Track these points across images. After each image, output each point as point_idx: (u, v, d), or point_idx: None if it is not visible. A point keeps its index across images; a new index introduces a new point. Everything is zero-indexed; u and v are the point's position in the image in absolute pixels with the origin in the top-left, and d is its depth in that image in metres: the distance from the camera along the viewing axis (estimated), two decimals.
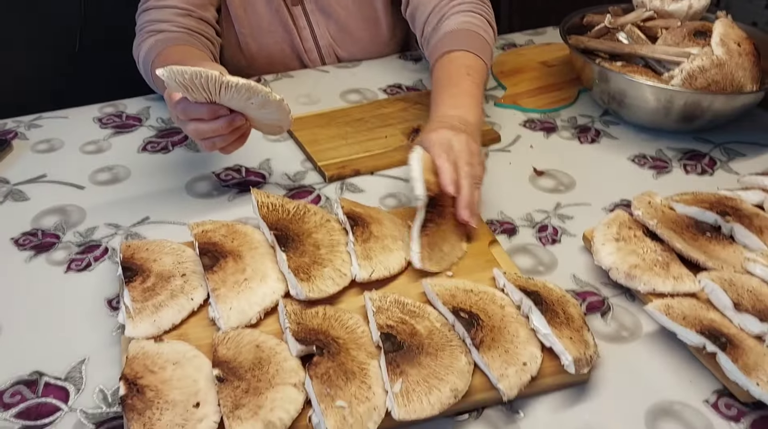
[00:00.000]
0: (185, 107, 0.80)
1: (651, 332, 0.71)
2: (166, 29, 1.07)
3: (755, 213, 0.80)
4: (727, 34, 0.99)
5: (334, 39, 1.25)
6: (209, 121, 0.80)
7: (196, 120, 0.81)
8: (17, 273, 0.77)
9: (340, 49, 1.26)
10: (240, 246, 0.75)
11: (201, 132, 0.82)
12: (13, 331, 0.70)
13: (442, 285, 0.71)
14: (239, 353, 0.63)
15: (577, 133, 1.06)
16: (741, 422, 0.62)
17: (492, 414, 0.63)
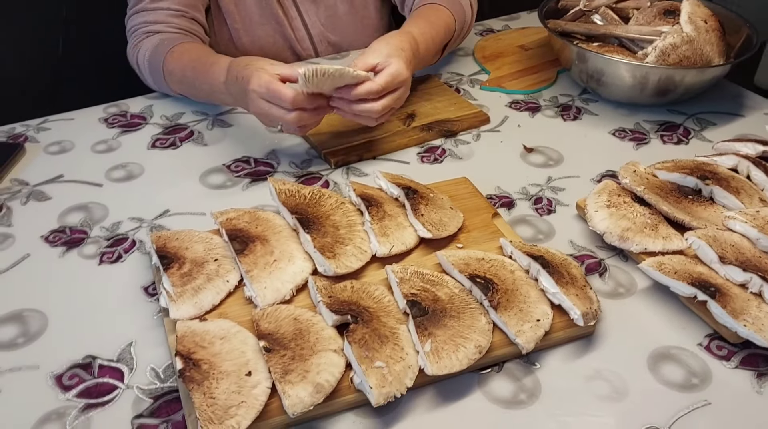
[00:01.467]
0: (298, 98, 0.88)
1: (645, 288, 0.79)
2: (162, 30, 1.11)
3: (731, 176, 0.88)
4: (695, 12, 1.07)
5: (324, 26, 1.29)
6: (312, 111, 0.91)
7: (301, 109, 0.89)
8: (53, 268, 0.82)
9: (331, 35, 1.31)
10: (264, 231, 0.81)
11: (303, 120, 0.90)
12: (60, 321, 0.75)
13: (456, 255, 0.77)
14: (280, 326, 0.68)
15: (559, 112, 1.13)
16: (732, 360, 0.70)
17: (512, 367, 0.70)
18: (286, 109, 0.89)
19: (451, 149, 1.03)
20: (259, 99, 0.90)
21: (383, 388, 0.62)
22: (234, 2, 1.22)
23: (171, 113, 1.12)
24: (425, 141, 1.05)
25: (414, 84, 1.17)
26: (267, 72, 0.89)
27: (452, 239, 0.83)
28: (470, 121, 1.08)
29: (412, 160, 1.01)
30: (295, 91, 0.87)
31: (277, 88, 0.87)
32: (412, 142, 1.04)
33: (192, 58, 1.05)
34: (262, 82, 0.88)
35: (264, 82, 0.88)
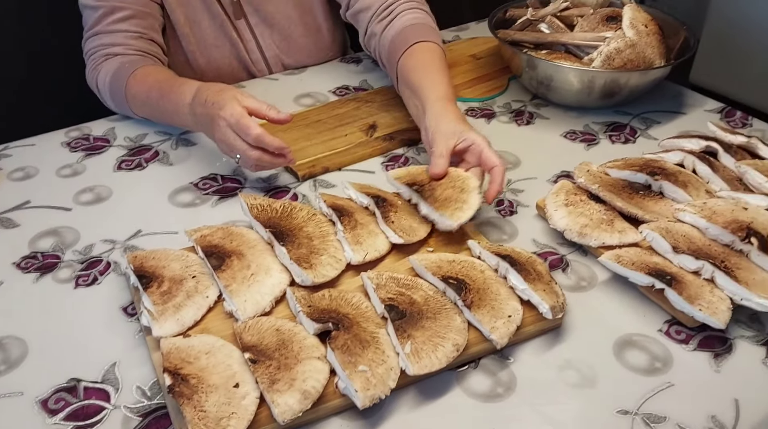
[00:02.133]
0: (263, 138, 0.89)
1: (605, 279, 0.83)
2: (121, 52, 1.12)
3: (678, 170, 0.93)
4: (635, 17, 1.13)
5: (279, 48, 1.31)
6: (274, 156, 0.93)
7: (262, 149, 0.91)
8: (29, 294, 0.82)
9: (285, 57, 1.33)
10: (239, 245, 0.82)
11: (261, 161, 0.92)
12: (41, 346, 0.75)
13: (428, 259, 0.81)
14: (263, 338, 0.70)
15: (513, 117, 1.18)
16: (690, 343, 0.75)
17: (487, 362, 0.73)
18: (250, 145, 0.91)
19: (414, 157, 1.07)
20: (227, 127, 0.91)
21: (368, 390, 0.65)
22: (189, 25, 1.23)
23: (134, 134, 1.12)
24: (388, 150, 1.08)
25: (373, 96, 1.21)
26: (240, 104, 0.90)
27: (423, 244, 0.86)
28: None
29: (377, 170, 1.04)
30: (263, 129, 0.89)
31: (247, 123, 0.89)
32: (375, 151, 1.07)
33: (158, 79, 1.06)
34: (235, 112, 0.89)
35: (236, 113, 0.89)
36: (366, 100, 1.20)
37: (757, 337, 0.75)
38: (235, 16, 1.25)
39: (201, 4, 1.21)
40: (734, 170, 0.94)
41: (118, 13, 1.12)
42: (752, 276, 0.75)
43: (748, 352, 0.74)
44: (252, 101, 0.92)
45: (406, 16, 1.13)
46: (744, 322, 0.77)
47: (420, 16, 1.14)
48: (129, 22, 1.13)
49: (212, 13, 1.23)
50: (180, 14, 1.20)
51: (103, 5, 1.12)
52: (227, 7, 1.23)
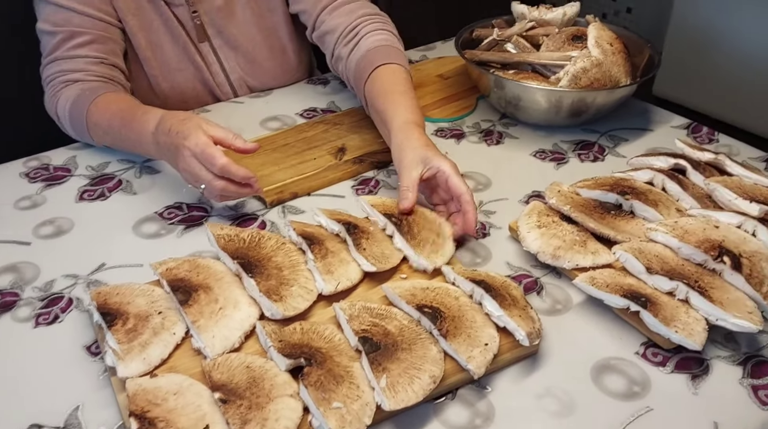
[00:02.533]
0: (228, 168, 0.88)
1: (580, 302, 0.83)
2: (81, 78, 1.09)
3: (648, 189, 0.93)
4: (600, 36, 1.14)
5: (243, 71, 1.29)
6: (239, 186, 0.90)
7: (227, 180, 0.89)
8: None
9: (251, 79, 1.31)
10: (206, 278, 0.80)
11: (227, 191, 0.91)
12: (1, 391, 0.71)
13: (401, 286, 0.79)
14: (233, 375, 0.68)
15: (483, 137, 1.18)
16: (667, 366, 0.74)
17: (464, 393, 0.72)
18: (215, 175, 0.89)
19: (385, 180, 1.06)
20: (191, 157, 0.89)
21: (343, 428, 0.63)
22: (150, 49, 1.20)
23: (96, 163, 1.09)
24: (358, 173, 1.07)
25: (341, 118, 1.19)
26: (205, 133, 0.88)
27: (396, 270, 0.84)
28: None
29: (347, 194, 1.02)
30: (229, 159, 0.88)
31: (212, 153, 0.87)
32: (345, 175, 1.05)
33: (120, 107, 1.03)
34: (200, 142, 0.88)
35: (201, 143, 0.87)
36: (334, 123, 1.18)
37: (734, 357, 0.75)
38: (198, 39, 1.23)
39: (163, 28, 1.19)
40: (703, 187, 0.94)
41: (77, 38, 1.10)
42: (726, 295, 0.75)
43: (725, 372, 0.73)
44: (217, 130, 0.90)
45: (371, 38, 1.12)
46: (719, 342, 0.77)
47: (385, 37, 1.13)
48: (89, 47, 1.10)
49: (174, 36, 1.20)
50: (141, 38, 1.18)
51: (62, 30, 1.09)
52: (190, 30, 1.21)
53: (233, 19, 1.23)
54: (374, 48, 1.10)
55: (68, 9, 1.09)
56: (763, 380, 0.72)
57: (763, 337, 0.77)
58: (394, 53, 1.10)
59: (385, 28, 1.15)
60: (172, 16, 1.19)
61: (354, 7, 1.17)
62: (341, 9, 1.17)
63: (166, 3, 1.17)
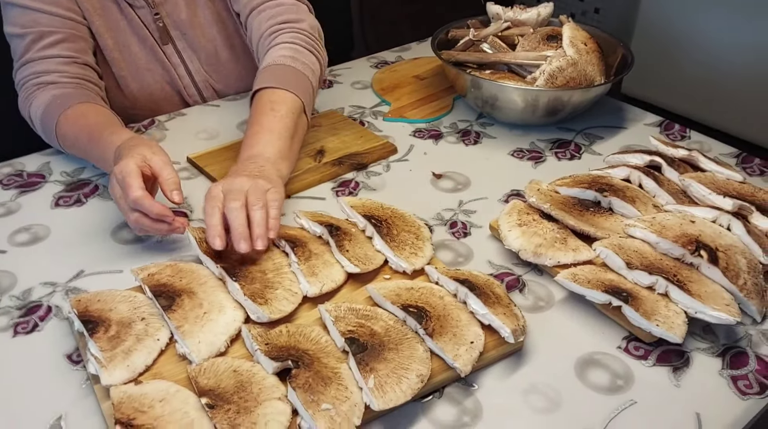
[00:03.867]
0: (140, 202, 0.81)
1: (562, 298, 0.84)
2: (55, 80, 1.07)
3: (625, 186, 0.95)
4: (575, 35, 1.15)
5: (208, 73, 1.28)
6: (153, 221, 0.84)
7: (141, 213, 0.83)
8: None
9: (216, 82, 1.29)
10: (189, 283, 0.79)
11: (141, 224, 0.84)
12: None
13: (386, 287, 0.79)
14: (220, 380, 0.68)
15: (460, 137, 1.18)
16: (649, 359, 0.75)
17: (451, 391, 0.72)
18: (129, 207, 0.84)
19: (364, 181, 1.06)
20: (115, 184, 0.84)
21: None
22: (118, 49, 1.19)
23: (71, 169, 1.08)
24: (338, 175, 1.07)
25: (319, 120, 1.19)
26: (136, 161, 0.83)
27: (379, 271, 0.84)
28: (379, 152, 1.11)
29: (328, 196, 1.02)
30: (144, 192, 0.82)
31: (130, 182, 0.81)
32: (325, 177, 1.05)
33: (88, 123, 1.01)
34: (126, 168, 0.82)
35: (125, 170, 0.82)
36: (312, 125, 1.18)
37: (712, 348, 0.77)
38: (161, 41, 1.21)
39: (129, 29, 1.18)
40: (678, 184, 0.96)
41: (47, 38, 1.08)
42: (704, 288, 0.77)
43: (705, 364, 0.75)
44: (158, 162, 0.85)
45: (271, 53, 1.07)
46: (698, 334, 0.78)
47: (283, 53, 1.06)
48: (60, 47, 1.08)
49: (141, 37, 1.19)
50: (108, 38, 1.16)
51: (31, 32, 1.07)
52: (154, 32, 1.20)
53: (194, 21, 1.22)
54: (263, 69, 1.05)
55: (35, 10, 1.07)
56: (742, 371, 0.74)
57: (740, 328, 0.79)
58: (278, 73, 1.04)
59: (295, 40, 1.08)
60: (136, 18, 1.17)
61: (276, 12, 1.12)
62: (265, 13, 1.12)
63: (129, 4, 1.16)
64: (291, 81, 1.03)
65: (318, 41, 1.13)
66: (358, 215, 0.89)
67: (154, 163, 0.85)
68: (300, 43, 1.09)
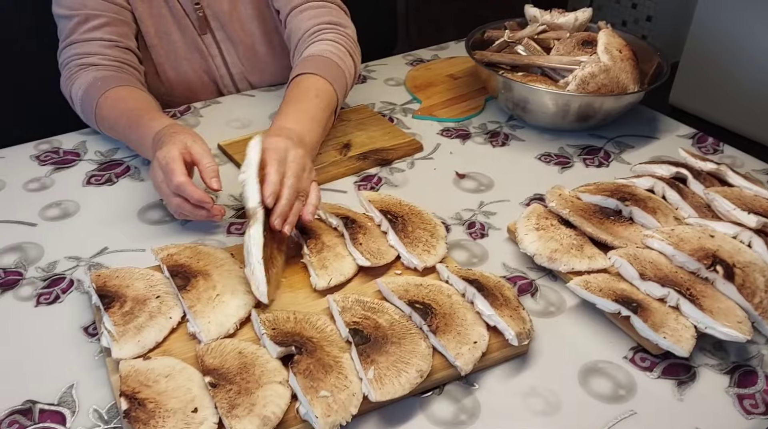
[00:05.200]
0: (183, 187, 0.85)
1: (574, 305, 0.83)
2: (96, 62, 1.10)
3: (648, 196, 0.94)
4: (610, 42, 1.14)
5: (244, 66, 1.30)
6: (193, 207, 0.88)
7: (182, 198, 0.87)
8: None
9: (250, 75, 1.32)
10: (206, 265, 0.81)
11: (182, 209, 0.88)
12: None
13: (395, 282, 0.80)
14: (225, 361, 0.69)
15: (488, 138, 1.18)
16: (654, 371, 0.75)
17: (452, 389, 0.72)
18: (171, 191, 0.87)
19: (387, 177, 1.07)
20: (158, 169, 0.88)
21: (329, 417, 0.64)
22: (158, 36, 1.22)
23: (105, 149, 1.11)
24: (361, 170, 1.08)
25: (349, 115, 1.21)
26: (179, 148, 0.87)
27: (391, 266, 0.85)
28: (404, 149, 1.12)
29: (350, 189, 1.03)
30: (187, 178, 0.85)
31: (174, 168, 0.85)
32: (348, 171, 1.07)
33: (128, 108, 1.04)
34: (169, 154, 0.86)
35: (168, 156, 0.86)
36: (341, 119, 1.19)
37: (721, 365, 0.75)
38: (200, 30, 1.24)
39: (170, 17, 1.21)
40: (703, 197, 0.94)
41: (92, 21, 1.11)
42: (717, 304, 0.76)
43: (711, 380, 0.74)
44: (198, 149, 0.88)
45: (316, 46, 1.12)
46: (708, 350, 0.77)
47: (327, 47, 1.11)
48: (103, 30, 1.12)
49: (181, 26, 1.22)
50: (150, 25, 1.20)
51: (77, 14, 1.11)
52: (194, 21, 1.23)
53: (234, 15, 1.24)
54: (309, 56, 1.10)
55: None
56: (749, 390, 0.73)
57: (752, 347, 0.78)
58: (323, 63, 1.08)
59: (338, 40, 1.13)
60: (178, 5, 1.20)
61: (319, 13, 1.16)
62: (307, 12, 1.16)
63: None
64: (332, 74, 1.08)
65: (357, 48, 1.18)
66: (375, 210, 0.90)
67: (195, 151, 0.88)
68: (342, 44, 1.14)
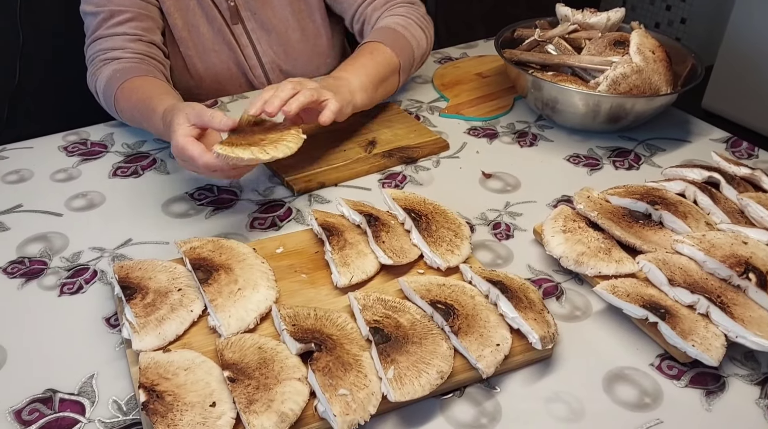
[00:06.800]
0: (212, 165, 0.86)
1: (600, 310, 0.81)
2: (119, 56, 1.11)
3: (679, 200, 0.91)
4: (643, 43, 1.11)
5: (276, 54, 1.30)
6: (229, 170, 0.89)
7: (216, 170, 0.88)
8: (12, 300, 0.81)
9: (283, 63, 1.32)
10: (228, 259, 0.81)
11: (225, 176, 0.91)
12: (20, 354, 0.74)
13: (417, 281, 0.79)
14: (244, 355, 0.69)
15: (516, 138, 1.17)
16: (682, 380, 0.73)
17: (473, 391, 0.71)
18: (204, 171, 0.88)
19: (412, 175, 1.06)
20: (180, 161, 0.90)
21: (347, 415, 0.63)
22: (187, 29, 1.22)
23: (132, 141, 1.12)
24: (386, 167, 1.07)
25: (375, 111, 1.20)
26: (184, 130, 0.88)
27: (413, 265, 0.84)
28: (430, 147, 1.11)
29: (374, 187, 1.03)
30: (207, 155, 0.85)
31: (191, 154, 0.86)
32: (373, 168, 1.06)
33: (140, 98, 1.04)
34: (178, 144, 0.87)
35: (179, 145, 0.87)
36: (367, 115, 1.18)
37: (752, 376, 0.73)
38: (231, 20, 1.25)
39: (198, 9, 1.21)
40: (736, 202, 0.92)
41: (117, 17, 1.12)
42: (749, 313, 0.73)
43: (741, 391, 0.72)
44: (197, 115, 0.89)
45: (384, 20, 1.21)
46: (738, 360, 0.75)
47: (395, 20, 1.20)
48: (128, 25, 1.13)
49: (210, 17, 1.22)
50: (178, 18, 1.20)
51: (102, 10, 1.12)
52: (224, 11, 1.23)
53: (267, 1, 1.25)
54: (378, 28, 1.20)
55: None
56: None
57: None
58: (387, 33, 1.17)
59: (409, 15, 1.21)
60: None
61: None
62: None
63: None
64: (395, 42, 1.16)
65: (429, 22, 1.25)
66: (398, 208, 0.89)
67: (193, 117, 0.89)
68: (413, 19, 1.21)
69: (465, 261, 0.85)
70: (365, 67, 1.10)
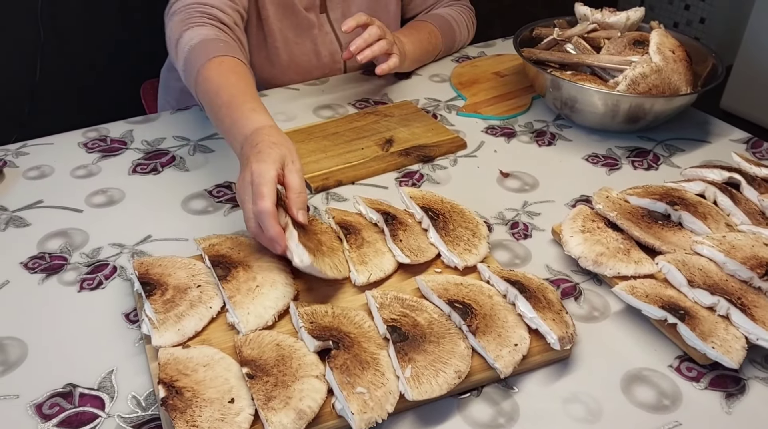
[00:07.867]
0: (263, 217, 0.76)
1: (618, 311, 0.81)
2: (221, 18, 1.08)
3: (698, 201, 0.91)
4: (663, 42, 1.11)
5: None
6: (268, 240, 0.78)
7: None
8: (33, 295, 0.82)
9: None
10: (246, 256, 0.82)
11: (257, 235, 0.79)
12: (40, 348, 0.75)
13: (435, 280, 0.79)
14: (263, 352, 0.69)
15: (534, 137, 1.16)
16: (701, 382, 0.72)
17: (490, 391, 0.71)
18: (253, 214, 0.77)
19: (429, 174, 1.05)
20: (247, 185, 0.78)
21: (364, 413, 0.63)
22: (279, 18, 1.25)
23: (152, 138, 1.13)
24: (403, 166, 1.07)
25: (392, 110, 1.20)
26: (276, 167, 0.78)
27: (431, 264, 0.84)
28: (447, 146, 1.11)
29: (391, 185, 1.03)
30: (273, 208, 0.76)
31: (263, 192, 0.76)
32: (390, 167, 1.06)
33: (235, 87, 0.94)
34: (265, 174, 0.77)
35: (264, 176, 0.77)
36: (385, 114, 1.19)
37: None
38: (319, 10, 1.29)
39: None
40: (757, 204, 0.91)
41: None
42: None
43: (762, 394, 0.71)
44: (294, 176, 0.80)
45: (439, 10, 1.43)
46: (759, 362, 0.74)
47: (447, 11, 1.42)
48: None
49: (297, 8, 1.26)
50: (271, 10, 1.24)
51: None
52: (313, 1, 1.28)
53: None
54: (431, 14, 1.42)
55: None
56: None
57: None
58: (439, 20, 1.39)
59: (460, 10, 1.45)
60: None
61: None
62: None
63: None
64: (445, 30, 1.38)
65: (473, 18, 1.48)
66: (416, 206, 0.89)
67: (289, 176, 0.80)
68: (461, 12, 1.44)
69: (482, 260, 0.84)
70: (421, 42, 1.33)
